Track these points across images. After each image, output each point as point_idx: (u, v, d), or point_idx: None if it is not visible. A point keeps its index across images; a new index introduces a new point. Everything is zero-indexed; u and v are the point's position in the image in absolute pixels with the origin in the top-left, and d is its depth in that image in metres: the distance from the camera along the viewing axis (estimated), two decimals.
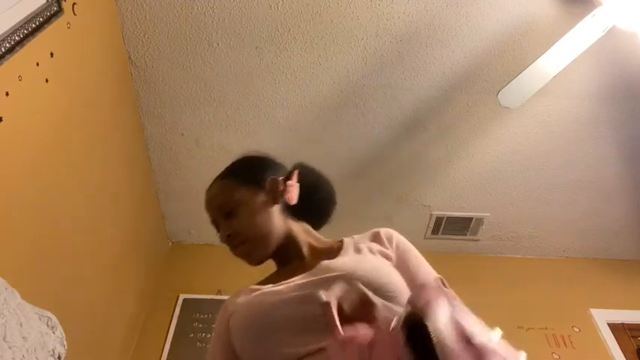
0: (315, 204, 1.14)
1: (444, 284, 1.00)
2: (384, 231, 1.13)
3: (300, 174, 1.12)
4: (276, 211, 1.06)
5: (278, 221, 1.05)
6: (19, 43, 1.35)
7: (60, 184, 1.66)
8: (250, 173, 1.11)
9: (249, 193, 1.06)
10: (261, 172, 1.11)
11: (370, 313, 0.86)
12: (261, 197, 1.06)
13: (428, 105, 2.42)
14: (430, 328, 0.67)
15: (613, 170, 2.70)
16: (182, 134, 2.51)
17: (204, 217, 1.16)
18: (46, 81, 1.53)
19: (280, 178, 1.09)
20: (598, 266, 3.06)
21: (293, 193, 1.07)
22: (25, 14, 1.38)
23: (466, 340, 0.67)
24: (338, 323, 0.83)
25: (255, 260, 1.04)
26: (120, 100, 2.19)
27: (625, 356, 2.59)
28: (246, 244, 1.02)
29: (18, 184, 1.42)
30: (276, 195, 1.06)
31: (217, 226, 1.09)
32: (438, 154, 2.63)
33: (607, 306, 2.81)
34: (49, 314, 1.10)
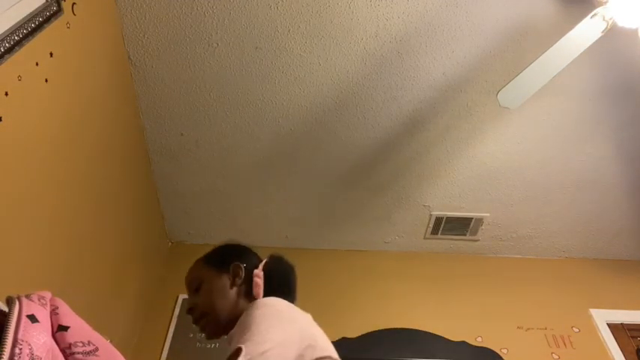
0: (275, 292, 1.19)
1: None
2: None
3: (267, 264, 1.24)
4: (234, 293, 1.18)
5: (234, 303, 1.17)
6: (19, 43, 1.35)
7: (60, 184, 1.66)
8: (219, 257, 1.26)
9: (213, 273, 1.21)
10: (229, 257, 1.26)
11: None
12: (224, 279, 1.20)
13: (428, 105, 2.42)
14: None
15: (613, 170, 2.70)
16: (182, 134, 2.51)
17: (204, 218, 1.18)
18: (46, 81, 1.53)
19: (243, 266, 1.23)
20: (597, 266, 3.06)
21: (258, 281, 1.19)
22: (25, 14, 1.38)
23: None
24: None
25: (209, 335, 1.16)
26: (120, 100, 2.19)
27: (624, 356, 2.59)
28: (203, 319, 1.16)
29: (17, 184, 1.42)
30: (236, 279, 1.20)
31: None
32: (438, 154, 2.63)
33: (606, 306, 2.82)
34: None
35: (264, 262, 1.26)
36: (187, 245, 3.01)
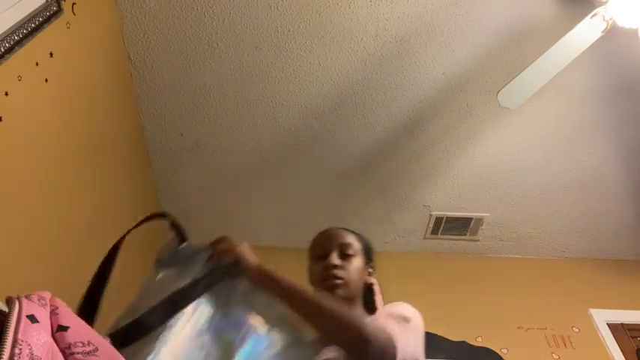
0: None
1: None
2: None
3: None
4: (362, 289, 1.26)
5: (358, 296, 1.24)
6: (19, 42, 1.35)
7: (59, 184, 1.66)
8: (370, 251, 1.35)
9: (363, 258, 1.28)
10: (372, 257, 1.36)
11: None
12: (365, 272, 1.28)
13: (427, 105, 2.42)
14: None
15: (613, 170, 2.70)
16: (182, 134, 2.51)
17: (204, 218, 1.18)
18: (46, 81, 1.53)
19: (374, 272, 1.32)
20: (597, 266, 3.06)
21: (379, 295, 1.28)
22: (25, 14, 1.38)
23: None
24: None
25: (338, 295, 1.17)
26: (120, 100, 2.19)
27: (624, 356, 2.58)
28: (341, 280, 1.19)
29: (17, 183, 1.42)
30: (367, 278, 1.28)
31: (327, 253, 1.24)
32: (437, 154, 2.63)
33: (606, 306, 2.81)
34: None
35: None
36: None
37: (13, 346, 0.54)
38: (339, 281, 1.17)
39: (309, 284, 1.24)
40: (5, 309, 0.60)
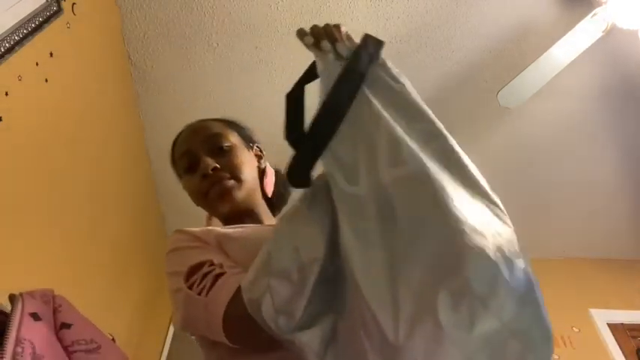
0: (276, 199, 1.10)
1: None
2: None
3: (278, 175, 1.11)
4: (257, 175, 1.03)
5: (256, 186, 1.01)
6: (19, 42, 1.35)
7: (59, 184, 1.66)
8: (244, 130, 1.12)
9: (243, 144, 1.04)
10: (253, 136, 1.12)
11: None
12: (251, 155, 1.04)
13: (428, 105, 2.41)
14: None
15: (613, 170, 2.70)
16: None
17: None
18: (46, 81, 1.53)
19: (264, 154, 1.09)
20: (598, 266, 3.06)
21: (270, 179, 1.06)
22: (25, 14, 1.38)
23: None
24: None
25: (231, 202, 0.95)
26: (120, 100, 2.19)
27: (624, 356, 2.58)
28: (232, 180, 0.95)
29: (17, 183, 1.42)
30: (261, 161, 1.07)
31: (194, 160, 1.01)
32: None
33: (607, 306, 2.81)
34: None
35: (274, 169, 1.10)
36: None
37: (16, 345, 0.54)
38: (228, 183, 0.93)
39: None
40: (8, 308, 0.60)
